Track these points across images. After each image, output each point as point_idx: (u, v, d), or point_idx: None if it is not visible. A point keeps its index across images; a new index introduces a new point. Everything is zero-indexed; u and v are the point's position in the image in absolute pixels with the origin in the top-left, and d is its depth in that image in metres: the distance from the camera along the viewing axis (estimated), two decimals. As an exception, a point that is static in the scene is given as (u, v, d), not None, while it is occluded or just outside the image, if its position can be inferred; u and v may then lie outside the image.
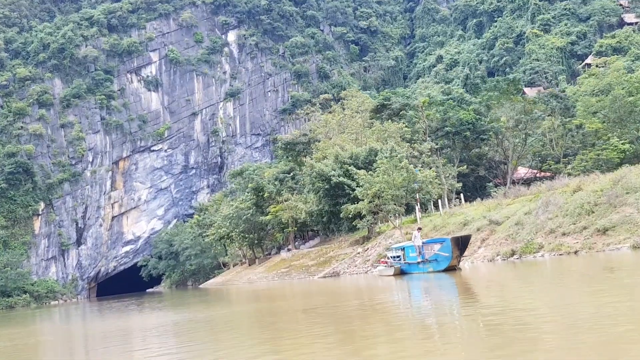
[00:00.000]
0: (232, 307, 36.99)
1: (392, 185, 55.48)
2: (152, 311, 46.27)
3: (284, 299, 37.70)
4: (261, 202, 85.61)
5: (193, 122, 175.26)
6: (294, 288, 52.99)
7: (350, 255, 63.24)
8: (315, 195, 63.14)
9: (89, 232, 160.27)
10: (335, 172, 61.58)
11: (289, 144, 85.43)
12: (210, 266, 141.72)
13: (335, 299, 31.46)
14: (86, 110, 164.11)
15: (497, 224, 49.99)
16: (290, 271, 72.74)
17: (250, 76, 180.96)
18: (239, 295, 54.57)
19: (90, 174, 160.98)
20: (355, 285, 44.27)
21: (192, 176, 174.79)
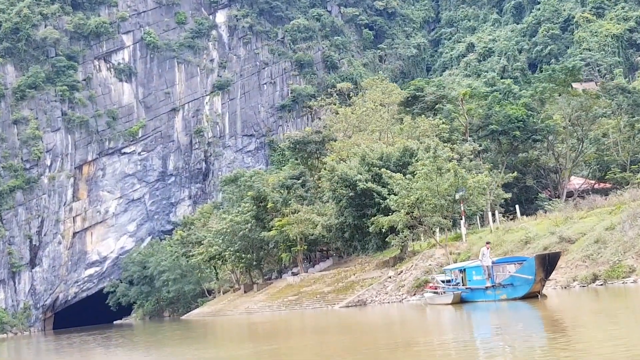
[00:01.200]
0: (242, 346, 34.28)
1: (435, 193, 53.06)
2: (125, 351, 43.67)
3: (305, 335, 35.11)
4: (263, 214, 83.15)
5: (173, 120, 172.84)
6: (311, 321, 50.48)
7: (378, 280, 60.76)
8: (337, 204, 60.58)
9: (45, 250, 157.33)
10: (361, 177, 59.10)
11: (298, 143, 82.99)
12: (192, 293, 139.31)
13: (380, 338, 29.10)
14: (44, 103, 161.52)
15: (569, 242, 47.84)
16: (300, 299, 70.26)
17: (243, 65, 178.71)
18: (242, 332, 51.90)
19: (48, 180, 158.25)
20: (393, 318, 41.73)
21: (170, 185, 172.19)
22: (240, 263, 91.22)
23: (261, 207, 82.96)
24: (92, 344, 55.86)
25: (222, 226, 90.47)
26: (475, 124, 79.46)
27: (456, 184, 52.66)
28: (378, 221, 55.78)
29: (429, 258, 58.53)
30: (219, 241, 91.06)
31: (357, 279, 65.82)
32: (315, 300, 66.58)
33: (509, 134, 77.94)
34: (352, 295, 60.42)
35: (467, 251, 56.58)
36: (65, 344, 65.23)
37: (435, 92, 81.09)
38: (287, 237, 78.29)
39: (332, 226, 64.12)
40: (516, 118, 77.44)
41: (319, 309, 63.14)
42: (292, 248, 79.75)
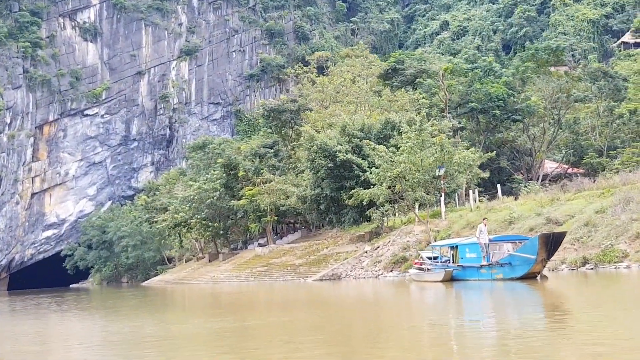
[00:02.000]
0: (209, 319, 31.98)
1: (419, 167, 51.17)
2: (81, 315, 41.23)
3: (279, 310, 32.96)
4: (233, 182, 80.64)
5: (138, 84, 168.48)
6: (284, 293, 48.45)
7: (353, 254, 58.92)
8: (314, 175, 58.35)
9: (2, 210, 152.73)
10: (342, 147, 56.95)
11: (273, 111, 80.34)
12: (152, 261, 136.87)
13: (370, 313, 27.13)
14: (6, 59, 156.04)
15: (557, 224, 46.55)
16: (269, 271, 68.21)
17: (212, 31, 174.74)
18: (209, 302, 49.64)
19: (8, 138, 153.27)
20: (373, 294, 39.83)
21: (133, 150, 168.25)
22: (207, 232, 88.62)
23: (231, 175, 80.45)
24: (46, 307, 53.20)
25: (189, 193, 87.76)
26: (455, 101, 77.81)
27: (441, 159, 50.87)
28: (358, 194, 53.79)
29: (407, 234, 56.85)
30: (185, 208, 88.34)
31: (330, 253, 63.94)
32: (286, 272, 64.60)
33: (489, 113, 76.55)
34: (325, 269, 58.52)
35: (447, 229, 54.98)
36: (19, 306, 62.47)
37: (416, 65, 79.03)
38: (257, 207, 76.00)
39: (307, 197, 61.96)
40: (497, 97, 76.00)
41: (291, 281, 61.16)
42: (262, 218, 77.39)
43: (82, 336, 26.42)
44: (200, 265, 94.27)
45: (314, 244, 70.85)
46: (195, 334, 22.88)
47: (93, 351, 21.14)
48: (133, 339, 22.75)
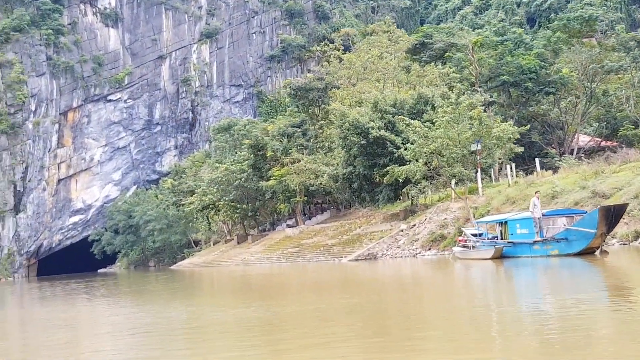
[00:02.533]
0: (247, 303, 30.15)
1: (456, 142, 49.00)
2: (110, 301, 39.63)
3: (318, 292, 31.08)
4: (261, 163, 78.73)
5: (160, 68, 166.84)
6: (321, 275, 46.61)
7: (388, 233, 56.93)
8: (347, 153, 56.28)
9: (29, 197, 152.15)
10: (374, 124, 54.81)
11: (300, 89, 78.26)
12: (179, 244, 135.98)
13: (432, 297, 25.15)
14: (29, 47, 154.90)
15: (603, 197, 44.29)
16: (301, 252, 66.43)
17: (232, 13, 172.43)
18: (243, 285, 47.87)
19: (33, 125, 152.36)
20: (415, 274, 37.85)
21: (156, 134, 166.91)
22: (235, 213, 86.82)
23: (259, 156, 78.55)
24: (76, 293, 51.75)
25: (217, 175, 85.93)
26: (485, 75, 75.33)
27: (479, 133, 48.65)
28: (393, 171, 51.70)
29: (443, 211, 54.81)
30: (213, 190, 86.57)
31: (363, 232, 62.04)
32: (319, 253, 62.79)
33: (521, 86, 74.00)
34: (360, 249, 56.66)
35: (486, 205, 52.85)
36: (49, 292, 61.27)
37: (445, 39, 76.52)
38: (286, 188, 74.12)
39: (339, 176, 59.94)
40: (529, 69, 73.38)
41: (324, 262, 59.36)
42: (291, 199, 75.43)
43: (112, 323, 24.96)
44: (228, 247, 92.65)
45: (345, 224, 68.97)
46: (225, 321, 21.30)
47: (120, 339, 19.75)
48: (161, 327, 21.25)
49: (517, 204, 49.16)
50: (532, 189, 50.60)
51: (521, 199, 49.47)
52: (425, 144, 49.44)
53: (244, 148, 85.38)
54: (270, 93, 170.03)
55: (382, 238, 55.57)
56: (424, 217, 55.31)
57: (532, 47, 79.58)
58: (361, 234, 61.71)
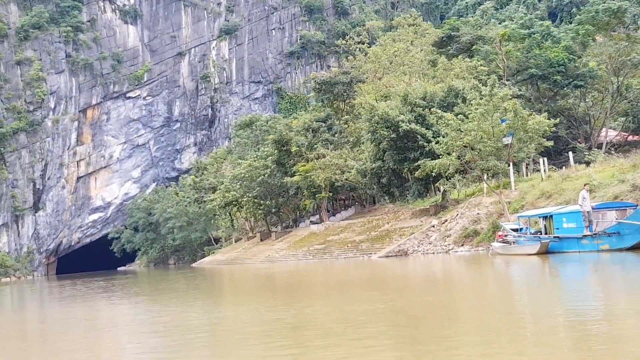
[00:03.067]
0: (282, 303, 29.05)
1: (490, 135, 47.66)
2: (132, 300, 38.65)
3: (346, 291, 29.93)
4: (285, 159, 77.59)
5: (179, 65, 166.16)
6: (350, 272, 45.51)
7: (419, 229, 55.69)
8: (376, 147, 55.07)
9: (48, 195, 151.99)
10: (404, 117, 53.57)
11: (325, 83, 77.11)
12: (199, 241, 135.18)
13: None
14: (48, 44, 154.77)
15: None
16: (328, 248, 65.35)
17: (251, 9, 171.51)
18: (267, 282, 46.88)
19: (52, 123, 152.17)
20: (451, 271, 36.66)
21: (176, 131, 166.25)
22: (258, 210, 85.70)
23: (283, 151, 77.37)
24: (96, 292, 50.90)
25: (240, 171, 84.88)
26: (513, 68, 73.95)
27: (514, 125, 47.27)
28: (425, 165, 50.46)
29: (476, 206, 53.49)
30: (236, 186, 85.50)
31: (392, 228, 60.86)
32: (347, 249, 61.70)
33: (549, 79, 72.57)
34: (390, 245, 55.51)
35: (520, 199, 51.50)
36: (67, 289, 60.60)
37: (472, 32, 75.12)
38: (311, 184, 72.97)
39: (367, 171, 58.73)
40: (557, 62, 71.96)
41: (353, 258, 58.27)
42: (316, 195, 74.27)
43: (133, 323, 24.15)
44: (251, 244, 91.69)
45: (373, 220, 67.80)
46: (249, 323, 20.28)
47: (142, 340, 18.95)
48: (183, 328, 20.24)
49: (553, 198, 47.77)
50: (568, 183, 49.26)
51: (557, 193, 48.07)
52: (458, 137, 48.15)
53: (267, 143, 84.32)
54: (290, 89, 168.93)
55: (412, 234, 54.36)
56: (455, 213, 54.04)
57: (560, 39, 77.98)
58: (390, 230, 60.54)
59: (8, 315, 37.45)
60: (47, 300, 52.78)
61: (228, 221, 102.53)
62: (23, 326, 28.59)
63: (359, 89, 73.71)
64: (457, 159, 48.26)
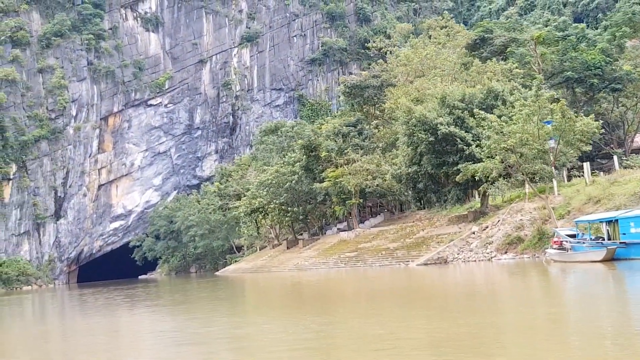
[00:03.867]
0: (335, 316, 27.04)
1: (536, 137, 45.52)
2: (157, 311, 36.73)
3: (384, 302, 27.85)
4: (313, 164, 75.50)
5: (200, 72, 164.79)
6: (388, 280, 43.49)
7: (457, 236, 53.50)
8: (413, 151, 52.97)
9: (70, 202, 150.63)
10: (443, 120, 51.45)
11: (355, 87, 75.12)
12: (221, 250, 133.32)
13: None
14: (70, 52, 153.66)
15: (701, 195, 40.54)
16: (361, 256, 63.23)
17: (272, 17, 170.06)
18: (298, 291, 44.89)
19: (74, 131, 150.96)
20: (500, 280, 34.52)
21: (197, 138, 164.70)
22: (285, 217, 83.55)
23: (312, 156, 75.28)
24: (119, 303, 49.19)
25: (267, 177, 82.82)
26: (548, 71, 71.71)
27: (562, 127, 45.10)
28: (467, 169, 48.32)
29: (517, 212, 51.29)
30: (263, 193, 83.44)
31: (428, 235, 58.71)
32: (381, 257, 59.55)
33: (585, 82, 70.30)
34: (428, 252, 53.36)
35: (565, 205, 49.25)
36: (89, 299, 59.04)
37: (506, 34, 72.96)
38: (341, 189, 70.85)
39: (403, 176, 56.57)
40: (594, 65, 69.69)
41: (389, 266, 56.14)
42: (346, 201, 72.07)
43: (160, 334, 22.40)
44: (277, 252, 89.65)
45: (406, 227, 65.65)
46: (276, 338, 18.56)
47: (166, 351, 17.74)
48: (208, 339, 18.46)
49: (602, 203, 45.53)
50: (616, 187, 47.07)
51: (606, 198, 45.84)
52: (502, 139, 46.04)
53: (295, 149, 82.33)
54: (312, 96, 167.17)
55: (452, 241, 52.20)
56: (496, 219, 51.85)
57: (595, 42, 75.69)
58: (426, 237, 58.40)
59: (30, 326, 35.78)
60: (68, 309, 51.15)
61: (252, 229, 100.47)
62: (45, 335, 26.98)
63: (390, 92, 71.66)
64: (500, 163, 46.13)
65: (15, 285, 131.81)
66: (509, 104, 52.04)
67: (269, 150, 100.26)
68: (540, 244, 45.77)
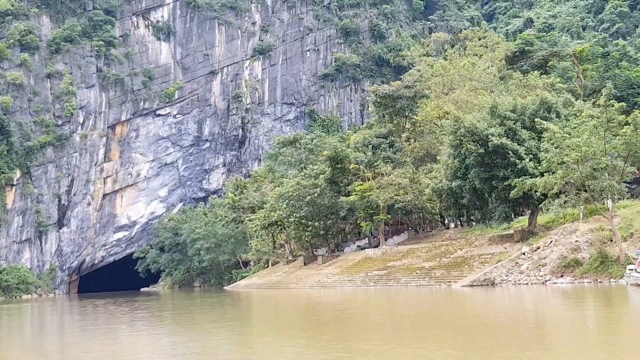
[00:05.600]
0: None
1: (603, 152, 41.43)
2: (172, 330, 32.51)
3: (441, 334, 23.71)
4: (339, 177, 71.20)
5: (211, 83, 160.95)
6: (433, 304, 39.33)
7: (503, 256, 49.19)
8: (460, 163, 48.77)
9: (73, 211, 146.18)
10: (494, 130, 47.34)
11: (387, 97, 71.10)
12: (227, 264, 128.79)
13: None
14: (79, 58, 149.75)
15: None
16: (393, 274, 58.94)
17: (286, 30, 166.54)
18: (331, 312, 40.70)
19: (80, 138, 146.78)
20: (577, 311, 30.36)
21: (205, 150, 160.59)
22: (305, 231, 79.08)
23: (337, 169, 70.97)
24: (121, 319, 45.03)
25: (287, 189, 78.47)
26: (588, 87, 67.83)
27: (633, 140, 40.99)
28: (523, 184, 44.13)
29: (571, 233, 47.05)
30: (282, 205, 79.02)
31: (467, 255, 54.42)
32: (416, 276, 55.23)
33: (628, 101, 66.33)
34: (472, 273, 49.07)
35: (627, 227, 45.10)
36: (89, 312, 54.99)
37: (546, 47, 69.12)
38: (369, 204, 66.53)
39: (444, 190, 52.35)
40: (637, 83, 65.88)
41: (427, 286, 51.79)
42: (374, 217, 67.67)
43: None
44: (293, 268, 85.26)
45: (441, 246, 61.33)
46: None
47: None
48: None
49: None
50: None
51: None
52: (563, 153, 41.94)
53: (318, 161, 78.19)
54: (323, 112, 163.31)
55: (499, 262, 47.89)
56: (548, 240, 47.63)
57: (637, 60, 71.94)
58: (465, 256, 54.11)
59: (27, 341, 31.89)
60: (67, 323, 47.19)
61: (264, 243, 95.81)
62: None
63: (424, 104, 67.66)
64: (561, 178, 41.97)
65: (15, 294, 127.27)
66: (563, 117, 48.04)
67: (287, 162, 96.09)
68: (603, 267, 41.65)
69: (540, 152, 46.29)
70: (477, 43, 76.07)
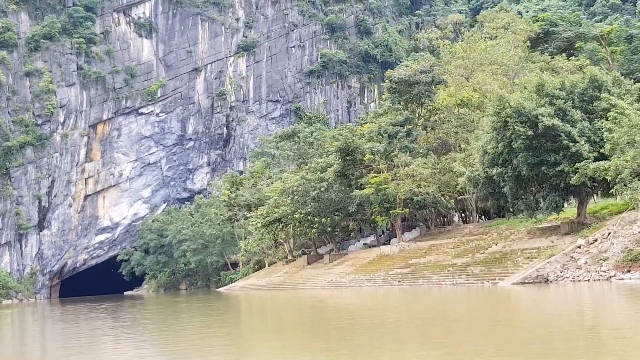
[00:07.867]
0: None
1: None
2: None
3: None
4: (350, 169, 65.12)
5: (194, 81, 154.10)
6: (490, 307, 33.74)
7: (553, 250, 43.47)
8: (505, 147, 42.91)
9: (54, 213, 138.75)
10: (544, 110, 41.60)
11: (403, 83, 65.21)
12: (215, 266, 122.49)
13: None
14: (59, 56, 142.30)
15: None
16: (419, 272, 53.05)
17: (270, 26, 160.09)
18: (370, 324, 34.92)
19: (61, 138, 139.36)
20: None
21: (189, 150, 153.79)
22: (311, 229, 72.81)
23: (348, 160, 64.88)
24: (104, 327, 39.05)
25: (291, 184, 72.19)
26: (615, 70, 62.61)
27: None
28: (586, 168, 38.46)
29: (632, 223, 41.47)
30: (287, 201, 72.68)
31: (506, 250, 48.67)
32: (449, 274, 49.41)
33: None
34: (518, 270, 43.28)
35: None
36: (70, 319, 49.16)
37: (572, 28, 63.73)
38: (385, 198, 60.52)
39: (481, 178, 46.52)
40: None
41: (464, 285, 45.91)
42: (390, 211, 61.61)
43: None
44: (296, 268, 79.07)
45: (471, 240, 55.51)
46: None
47: None
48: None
49: None
50: None
51: None
52: (632, 131, 36.39)
53: (326, 153, 72.18)
54: (309, 109, 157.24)
55: (552, 256, 42.14)
56: (605, 231, 41.98)
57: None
58: (504, 251, 48.36)
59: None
60: (49, 329, 41.30)
61: (254, 243, 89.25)
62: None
63: (443, 90, 61.89)
64: (632, 160, 36.37)
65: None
66: (617, 96, 42.49)
67: (286, 157, 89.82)
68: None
69: (594, 134, 40.81)
70: (498, 24, 70.36)
